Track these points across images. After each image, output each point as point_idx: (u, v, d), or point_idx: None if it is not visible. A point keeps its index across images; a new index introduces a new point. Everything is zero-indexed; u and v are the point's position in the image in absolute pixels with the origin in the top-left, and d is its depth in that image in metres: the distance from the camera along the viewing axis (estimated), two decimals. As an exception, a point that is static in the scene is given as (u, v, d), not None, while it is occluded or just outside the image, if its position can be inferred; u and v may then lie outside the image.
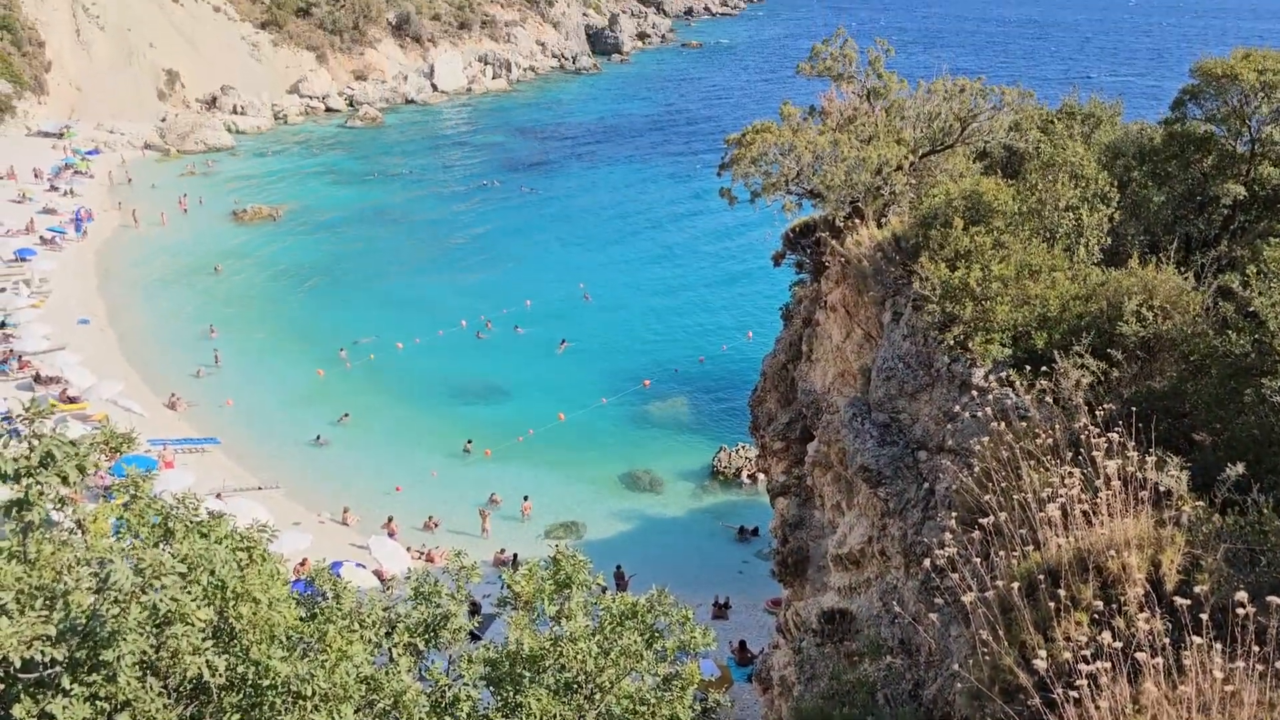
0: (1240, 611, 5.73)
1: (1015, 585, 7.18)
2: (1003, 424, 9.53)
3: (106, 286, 60.52)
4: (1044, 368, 11.42)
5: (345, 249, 70.64)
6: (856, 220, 20.27)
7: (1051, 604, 6.86)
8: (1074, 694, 5.85)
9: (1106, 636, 6.01)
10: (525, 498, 39.07)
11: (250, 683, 8.05)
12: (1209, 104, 17.08)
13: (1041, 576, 7.07)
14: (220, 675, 7.81)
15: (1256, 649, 5.71)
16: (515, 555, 34.76)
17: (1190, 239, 16.62)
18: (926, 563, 8.20)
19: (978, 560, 7.33)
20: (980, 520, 7.94)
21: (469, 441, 43.48)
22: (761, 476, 32.92)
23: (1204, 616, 5.84)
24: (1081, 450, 8.42)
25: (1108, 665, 5.84)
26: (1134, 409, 9.20)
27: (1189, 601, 6.09)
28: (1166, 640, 5.97)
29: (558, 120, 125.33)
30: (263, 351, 53.04)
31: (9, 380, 45.13)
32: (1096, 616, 6.86)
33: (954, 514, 9.13)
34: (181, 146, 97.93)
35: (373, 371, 50.82)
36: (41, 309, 53.46)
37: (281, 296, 61.32)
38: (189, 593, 7.60)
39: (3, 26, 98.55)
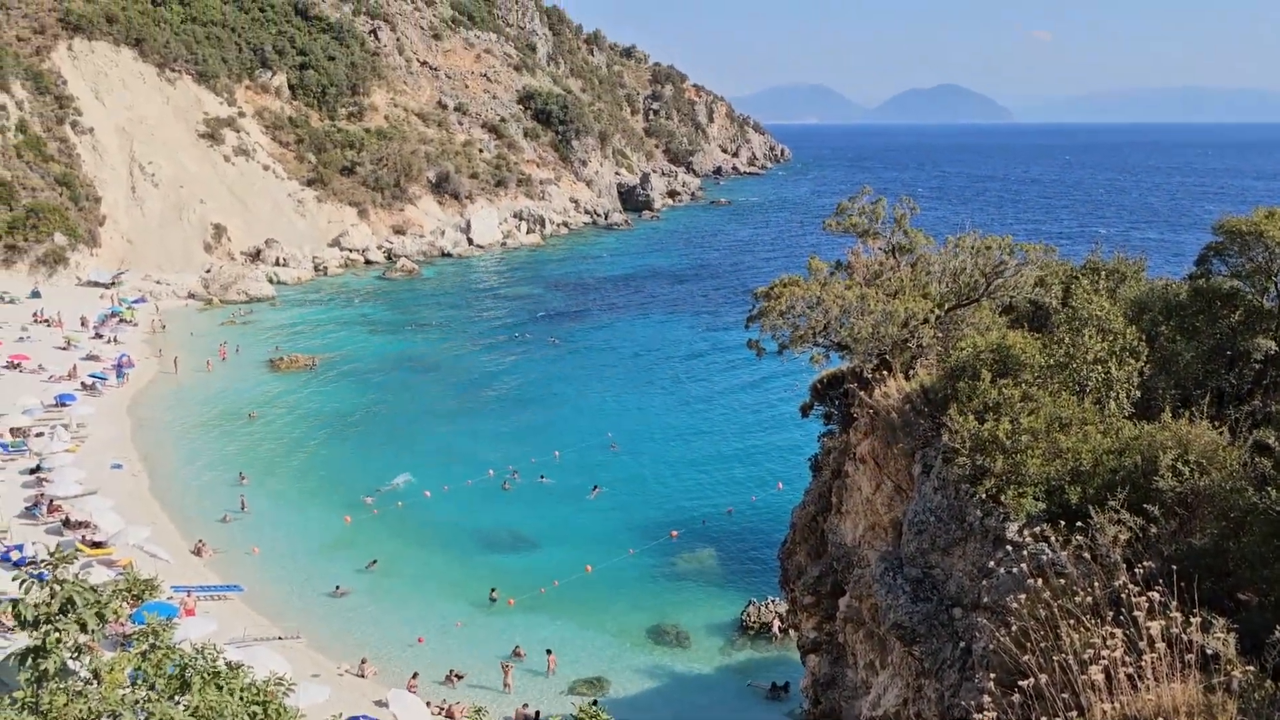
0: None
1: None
2: (1040, 581, 9.28)
3: (141, 432, 61.35)
4: (1079, 523, 11.18)
5: (378, 397, 71.57)
6: (884, 372, 20.34)
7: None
8: None
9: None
10: (549, 651, 38.04)
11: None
12: (1234, 260, 17.26)
13: (1086, 745, 6.73)
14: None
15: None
16: (538, 713, 33.61)
17: (1222, 393, 16.49)
18: (964, 728, 7.84)
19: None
20: (1020, 682, 7.64)
21: (494, 590, 42.77)
22: (792, 631, 31.96)
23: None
24: (1122, 609, 8.15)
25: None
26: (1175, 567, 8.93)
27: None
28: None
29: (588, 273, 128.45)
30: (292, 498, 53.12)
31: (39, 525, 45.28)
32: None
33: (992, 675, 8.78)
34: (224, 296, 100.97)
35: (400, 519, 50.60)
36: (76, 453, 54.12)
37: (314, 443, 61.80)
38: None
39: (62, 183, 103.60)
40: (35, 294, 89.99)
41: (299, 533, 48.72)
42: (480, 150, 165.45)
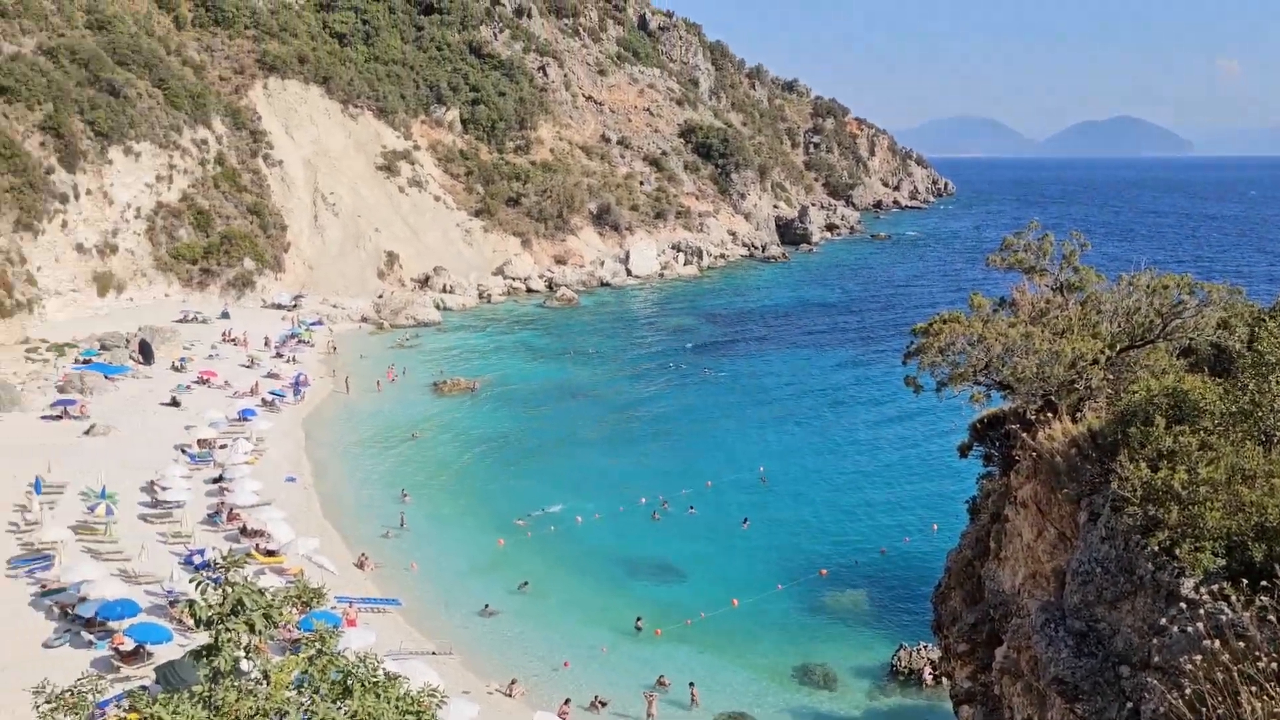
0: None
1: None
2: (1218, 642, 8.67)
3: (314, 447, 64.80)
4: (1264, 582, 10.39)
5: (535, 423, 73.34)
6: (1049, 414, 19.48)
7: None
8: None
9: None
10: (692, 684, 37.87)
11: None
12: None
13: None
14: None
15: None
16: (679, 745, 33.47)
17: None
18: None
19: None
20: (1191, 751, 7.14)
21: (639, 619, 42.93)
22: (945, 680, 30.76)
23: None
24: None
25: None
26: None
27: None
28: None
29: (743, 306, 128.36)
30: (449, 517, 54.94)
31: (218, 531, 48.36)
32: None
33: (1160, 741, 8.24)
34: (394, 321, 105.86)
35: (552, 543, 51.56)
36: (255, 465, 57.56)
37: (472, 465, 63.81)
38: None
39: (253, 212, 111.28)
40: (225, 315, 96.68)
41: (454, 551, 50.29)
42: (641, 183, 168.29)
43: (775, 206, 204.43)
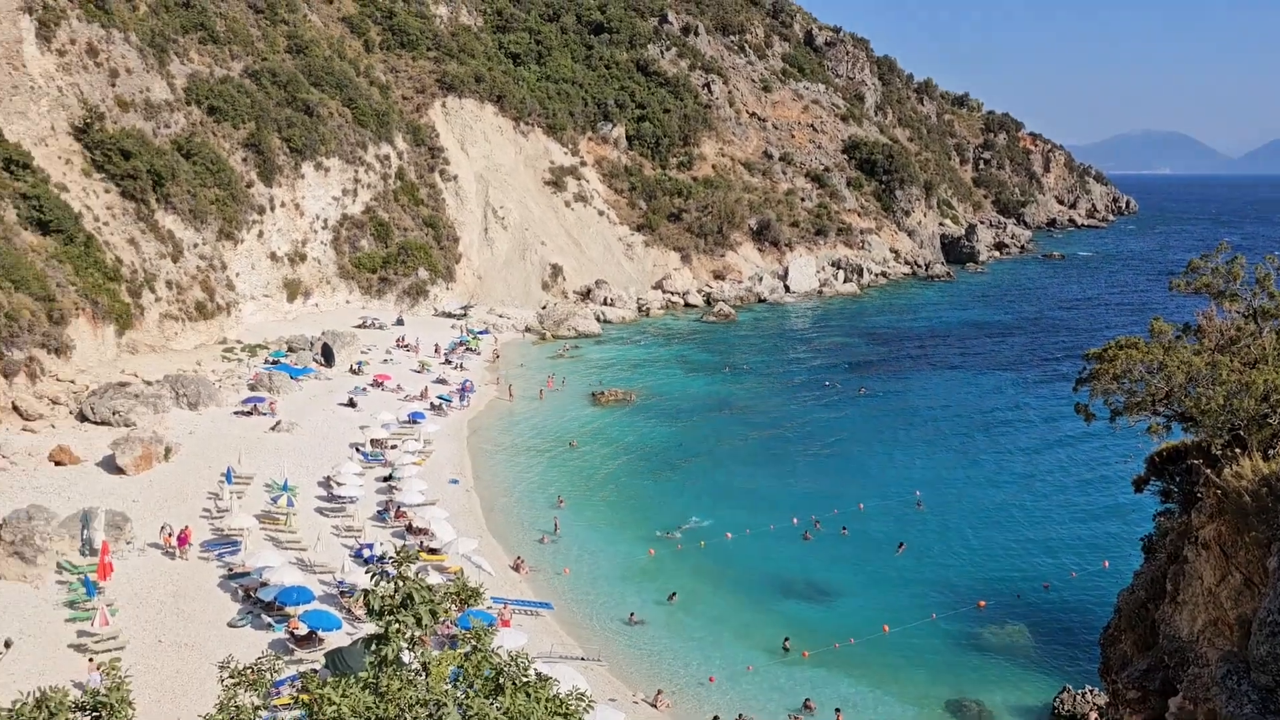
0: None
1: None
2: None
3: (476, 451, 67.13)
4: None
5: (689, 436, 73.70)
6: (1237, 450, 18.26)
7: None
8: None
9: None
10: (838, 710, 37.14)
11: None
12: None
13: None
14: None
15: None
16: (825, 771, 32.89)
17: None
18: None
19: None
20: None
21: (787, 639, 42.42)
22: (1112, 728, 29.07)
23: None
24: None
25: None
26: None
27: None
28: None
29: (903, 325, 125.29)
30: (601, 525, 55.83)
31: (386, 527, 50.72)
32: None
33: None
34: (555, 332, 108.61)
35: (701, 557, 51.63)
36: (422, 466, 60.10)
37: (626, 475, 64.67)
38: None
39: (428, 224, 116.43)
40: (399, 322, 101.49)
41: (606, 559, 51.04)
42: (802, 199, 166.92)
43: (941, 224, 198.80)
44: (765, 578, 49.41)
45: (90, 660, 34.18)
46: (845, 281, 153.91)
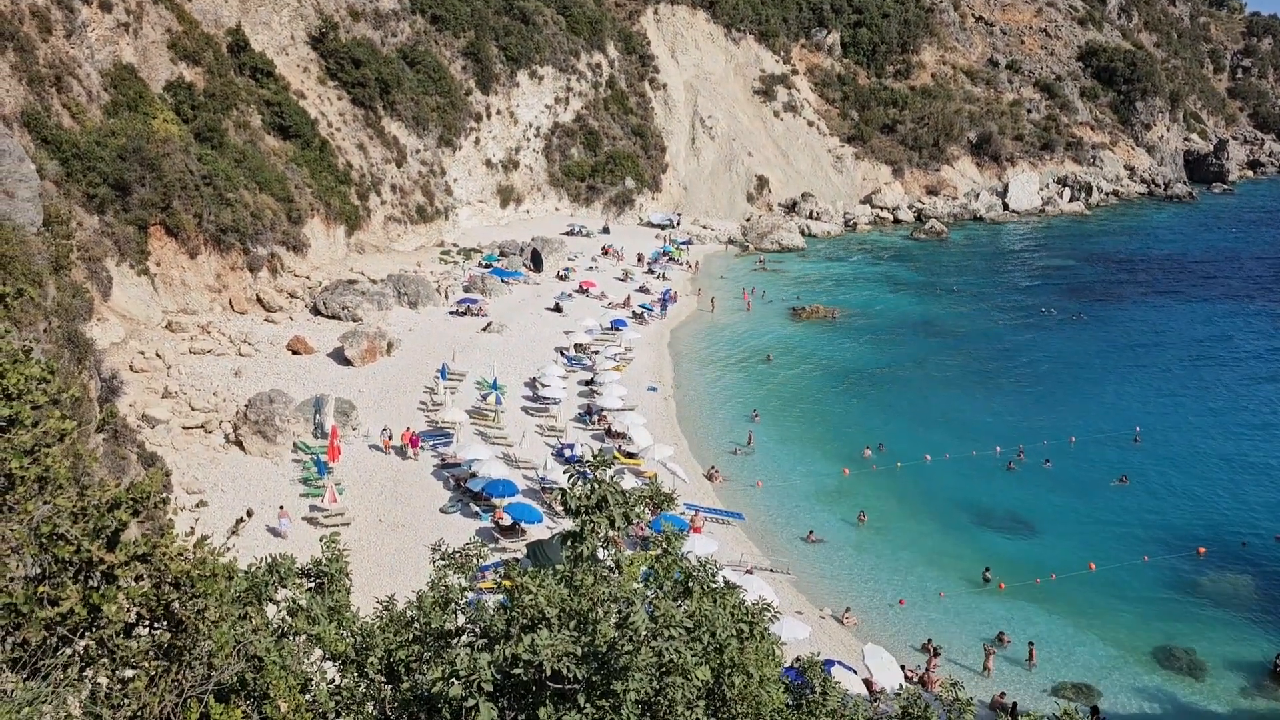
0: None
1: None
2: None
3: (675, 361, 68.16)
4: None
5: (891, 357, 71.99)
6: None
7: None
8: None
9: None
10: (1031, 644, 36.10)
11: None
12: None
13: None
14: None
15: None
16: (1015, 704, 32.20)
17: None
18: None
19: None
20: None
21: (987, 570, 41.35)
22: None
23: None
24: None
25: None
26: None
27: None
28: None
29: (1132, 249, 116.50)
30: (796, 441, 55.74)
31: (587, 430, 52.62)
32: None
33: None
34: (759, 245, 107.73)
35: (897, 479, 50.77)
36: (622, 372, 61.66)
37: (822, 393, 64.08)
38: (691, 650, 8.25)
39: (636, 134, 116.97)
40: (605, 230, 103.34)
41: (799, 475, 51.05)
42: (1028, 111, 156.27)
43: (1186, 140, 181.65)
44: (963, 505, 48.16)
45: (281, 509, 38.52)
46: (1071, 200, 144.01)
